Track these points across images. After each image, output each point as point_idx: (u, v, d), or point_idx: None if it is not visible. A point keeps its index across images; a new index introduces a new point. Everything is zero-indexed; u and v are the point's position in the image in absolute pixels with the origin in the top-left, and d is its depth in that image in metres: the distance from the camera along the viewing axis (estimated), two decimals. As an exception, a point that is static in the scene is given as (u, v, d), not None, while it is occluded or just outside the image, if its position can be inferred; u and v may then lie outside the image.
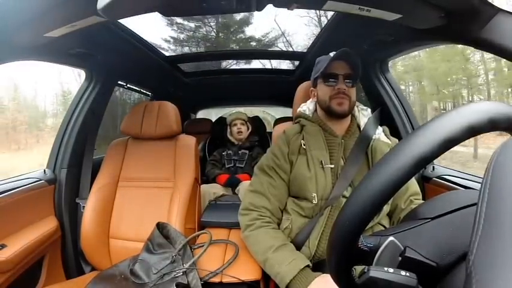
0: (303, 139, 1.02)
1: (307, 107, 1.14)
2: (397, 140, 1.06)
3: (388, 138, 1.04)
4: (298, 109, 1.16)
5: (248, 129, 2.38)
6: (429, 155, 0.31)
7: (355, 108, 1.09)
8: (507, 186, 0.24)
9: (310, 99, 1.16)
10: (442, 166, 1.31)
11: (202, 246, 1.06)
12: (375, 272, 0.37)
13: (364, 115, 1.08)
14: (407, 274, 0.36)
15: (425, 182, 1.27)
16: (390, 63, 1.50)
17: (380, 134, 1.03)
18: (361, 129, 1.05)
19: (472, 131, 0.31)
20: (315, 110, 1.13)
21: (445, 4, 0.76)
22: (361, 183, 0.35)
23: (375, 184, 0.34)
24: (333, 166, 0.97)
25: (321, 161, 0.97)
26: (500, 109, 0.31)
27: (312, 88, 1.13)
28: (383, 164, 0.34)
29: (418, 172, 0.34)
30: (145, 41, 1.49)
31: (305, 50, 1.82)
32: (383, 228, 0.93)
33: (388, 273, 0.36)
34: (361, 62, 0.99)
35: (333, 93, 1.01)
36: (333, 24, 1.28)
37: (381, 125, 1.07)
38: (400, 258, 0.38)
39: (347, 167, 0.96)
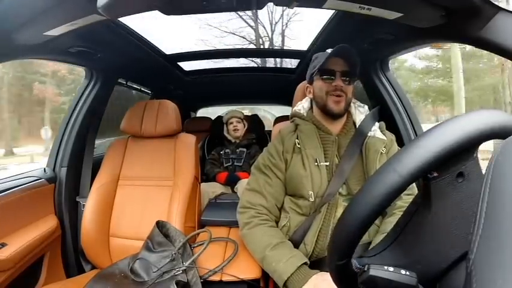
0: (297, 138, 1.02)
1: (302, 106, 1.14)
2: (393, 135, 1.06)
3: (383, 134, 1.04)
4: (294, 108, 1.16)
5: (244, 126, 2.39)
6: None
7: (352, 105, 1.09)
8: (507, 186, 0.24)
9: (306, 98, 1.16)
10: None
11: (202, 244, 1.06)
12: (374, 271, 0.37)
13: (360, 112, 1.08)
14: (408, 273, 0.36)
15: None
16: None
17: (375, 131, 1.03)
18: (357, 126, 1.05)
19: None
20: (310, 108, 1.13)
21: (446, 3, 0.76)
22: (363, 188, 0.37)
23: (377, 188, 0.35)
24: (327, 164, 0.97)
25: (316, 159, 0.97)
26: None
27: (307, 85, 1.12)
28: (383, 171, 0.36)
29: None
30: (146, 39, 1.49)
31: (306, 49, 1.82)
32: (377, 228, 0.94)
33: (388, 271, 0.36)
34: (361, 60, 0.98)
35: (330, 89, 1.00)
36: (334, 22, 1.28)
37: (378, 122, 1.07)
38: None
39: (342, 164, 0.97)
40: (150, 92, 2.46)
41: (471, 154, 0.37)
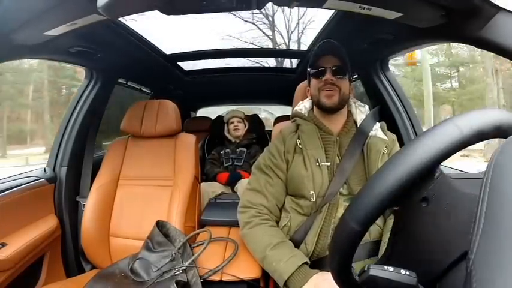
0: (298, 138, 1.03)
1: (303, 106, 1.14)
2: (394, 136, 1.06)
3: (384, 133, 1.04)
4: (295, 108, 1.16)
5: (245, 126, 2.40)
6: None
7: (353, 104, 1.09)
8: (507, 186, 0.24)
9: (307, 98, 1.16)
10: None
11: (202, 244, 1.06)
12: (375, 271, 0.37)
13: (361, 111, 1.08)
14: (408, 273, 0.36)
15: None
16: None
17: (377, 131, 1.03)
18: (358, 125, 1.05)
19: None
20: (311, 109, 1.13)
21: (446, 3, 0.76)
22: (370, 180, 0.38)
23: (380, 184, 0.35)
24: (328, 164, 0.97)
25: (317, 159, 0.97)
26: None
27: (308, 87, 1.14)
28: (388, 165, 0.36)
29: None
30: (146, 39, 1.49)
31: (306, 49, 1.82)
32: (378, 228, 0.94)
33: (388, 271, 0.36)
34: (361, 60, 0.98)
35: (321, 85, 1.01)
36: (334, 22, 1.28)
37: (379, 122, 1.07)
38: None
39: (343, 164, 0.97)
40: (150, 92, 2.46)
41: (431, 177, 0.36)
